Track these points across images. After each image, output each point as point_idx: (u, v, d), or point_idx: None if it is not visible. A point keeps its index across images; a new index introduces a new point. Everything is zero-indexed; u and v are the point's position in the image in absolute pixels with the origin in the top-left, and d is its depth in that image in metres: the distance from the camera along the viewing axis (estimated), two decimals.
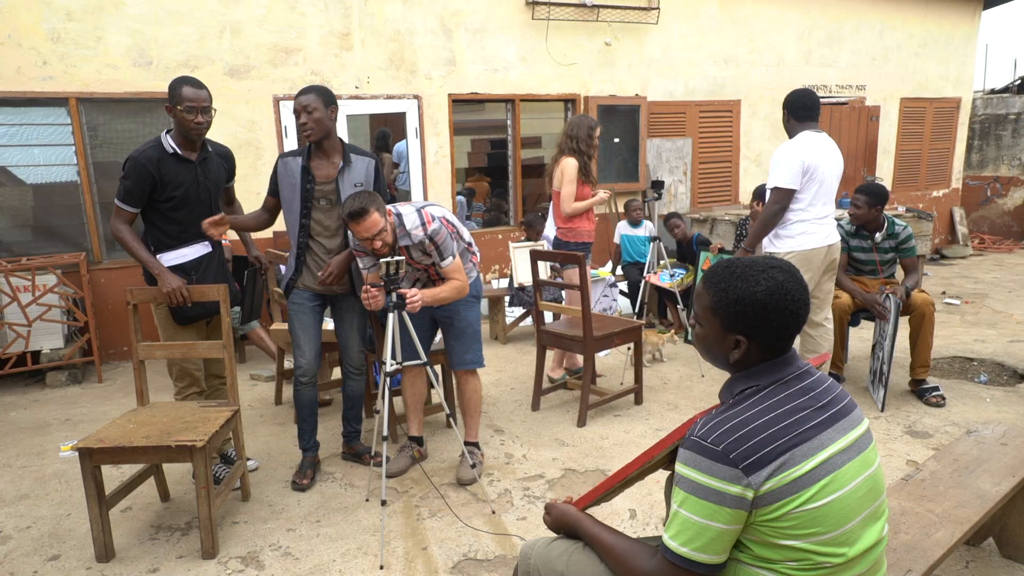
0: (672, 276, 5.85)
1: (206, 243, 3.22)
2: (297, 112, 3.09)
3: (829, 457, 1.33)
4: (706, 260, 5.76)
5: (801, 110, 3.83)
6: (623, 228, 6.46)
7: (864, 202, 4.16)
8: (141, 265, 3.11)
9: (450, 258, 3.12)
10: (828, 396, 1.42)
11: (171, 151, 3.05)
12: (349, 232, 3.14)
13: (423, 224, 3.04)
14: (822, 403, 1.40)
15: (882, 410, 4.04)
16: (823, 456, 1.33)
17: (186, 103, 2.99)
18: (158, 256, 3.10)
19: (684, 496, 1.34)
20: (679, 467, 1.36)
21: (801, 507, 1.29)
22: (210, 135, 3.24)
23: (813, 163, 3.69)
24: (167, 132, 3.10)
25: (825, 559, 1.32)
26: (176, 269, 3.10)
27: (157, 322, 3.21)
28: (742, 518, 1.31)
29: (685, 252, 6.27)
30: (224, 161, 3.35)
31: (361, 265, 3.25)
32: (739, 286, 1.40)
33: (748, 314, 1.39)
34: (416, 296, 2.98)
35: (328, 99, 3.12)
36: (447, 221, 3.14)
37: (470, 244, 3.38)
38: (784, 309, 1.38)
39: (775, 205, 3.74)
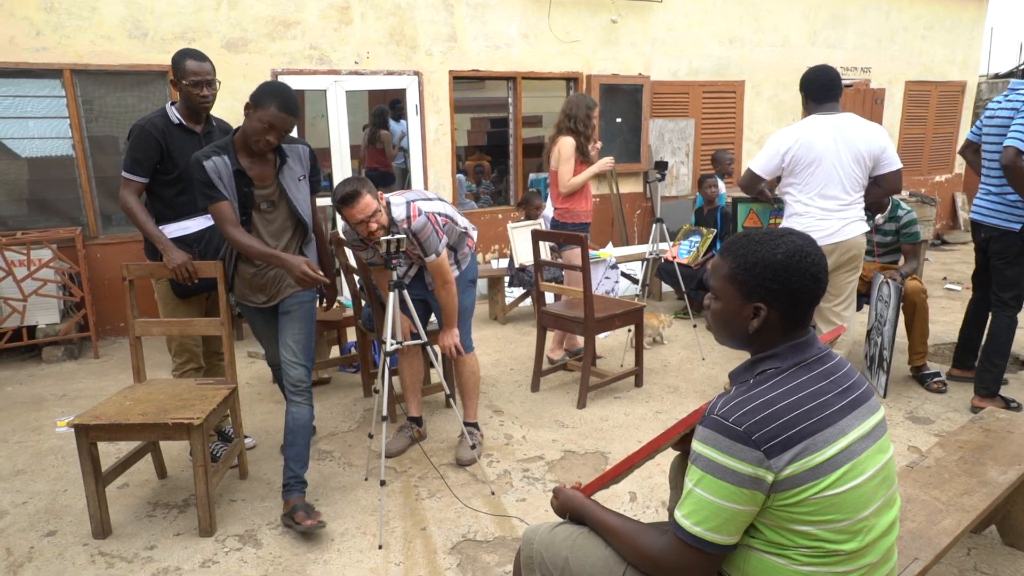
0: (691, 246, 5.85)
1: (208, 216, 3.17)
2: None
3: (850, 444, 1.31)
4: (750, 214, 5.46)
5: (817, 91, 3.50)
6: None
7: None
8: (145, 238, 3.08)
9: (433, 255, 3.09)
10: (848, 381, 1.39)
11: (177, 122, 3.03)
12: (343, 223, 3.09)
13: (408, 218, 3.01)
14: (842, 388, 1.37)
15: (884, 396, 4.03)
16: (844, 443, 1.30)
17: (190, 76, 2.97)
18: (160, 228, 3.06)
19: (701, 475, 1.31)
20: (697, 445, 1.33)
21: (820, 494, 1.27)
22: None
23: (800, 152, 3.43)
24: (171, 104, 3.07)
25: (838, 547, 1.30)
26: (178, 241, 3.06)
27: (157, 296, 3.18)
28: (759, 500, 1.28)
29: (706, 217, 6.22)
30: (224, 136, 3.29)
31: (364, 258, 3.24)
32: (758, 250, 1.39)
33: (768, 276, 1.37)
34: (453, 343, 3.27)
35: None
36: (436, 215, 3.10)
37: (466, 229, 3.38)
38: (804, 271, 1.37)
39: (740, 182, 3.71)
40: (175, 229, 3.07)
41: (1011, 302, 3.74)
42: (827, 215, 3.48)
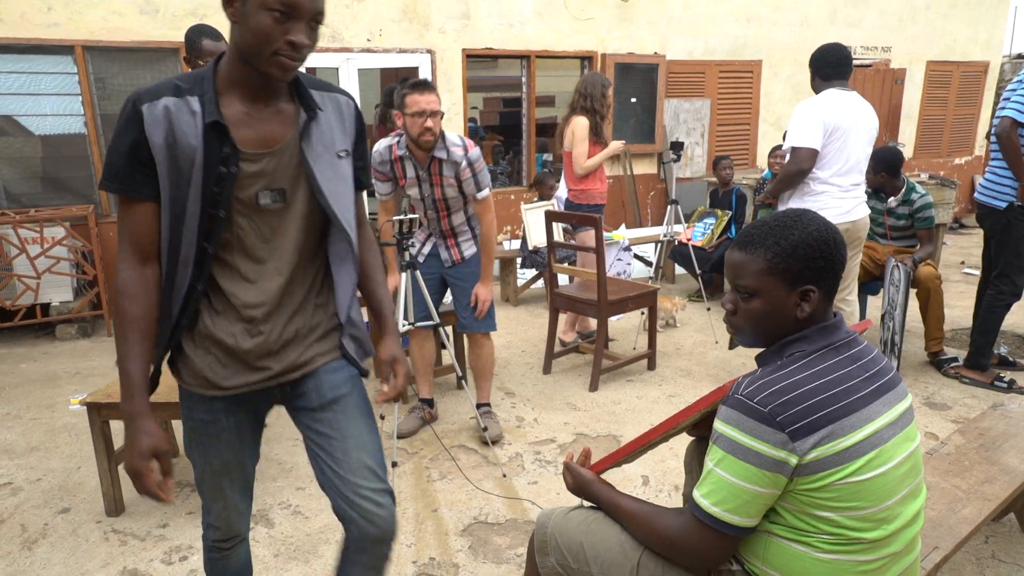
0: (705, 228, 5.81)
1: None
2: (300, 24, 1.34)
3: (877, 430, 1.28)
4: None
5: (827, 67, 3.40)
6: None
7: (869, 167, 4.01)
8: None
9: (486, 190, 3.10)
10: (875, 367, 1.36)
11: None
12: (380, 143, 3.04)
13: (465, 147, 3.01)
14: (870, 373, 1.34)
15: None
16: (871, 429, 1.27)
17: (207, 57, 2.92)
18: None
19: (722, 455, 1.28)
20: (719, 425, 1.31)
21: (845, 480, 1.24)
22: None
23: (835, 122, 3.29)
24: None
25: (861, 535, 1.27)
26: None
27: None
28: (781, 483, 1.26)
29: (721, 199, 6.15)
30: None
31: (379, 193, 3.20)
32: (792, 234, 1.34)
33: (814, 256, 1.33)
34: (486, 301, 3.22)
35: None
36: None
37: None
38: (838, 242, 1.36)
39: (794, 166, 3.35)
40: None
41: (997, 281, 3.79)
42: (844, 194, 3.41)
